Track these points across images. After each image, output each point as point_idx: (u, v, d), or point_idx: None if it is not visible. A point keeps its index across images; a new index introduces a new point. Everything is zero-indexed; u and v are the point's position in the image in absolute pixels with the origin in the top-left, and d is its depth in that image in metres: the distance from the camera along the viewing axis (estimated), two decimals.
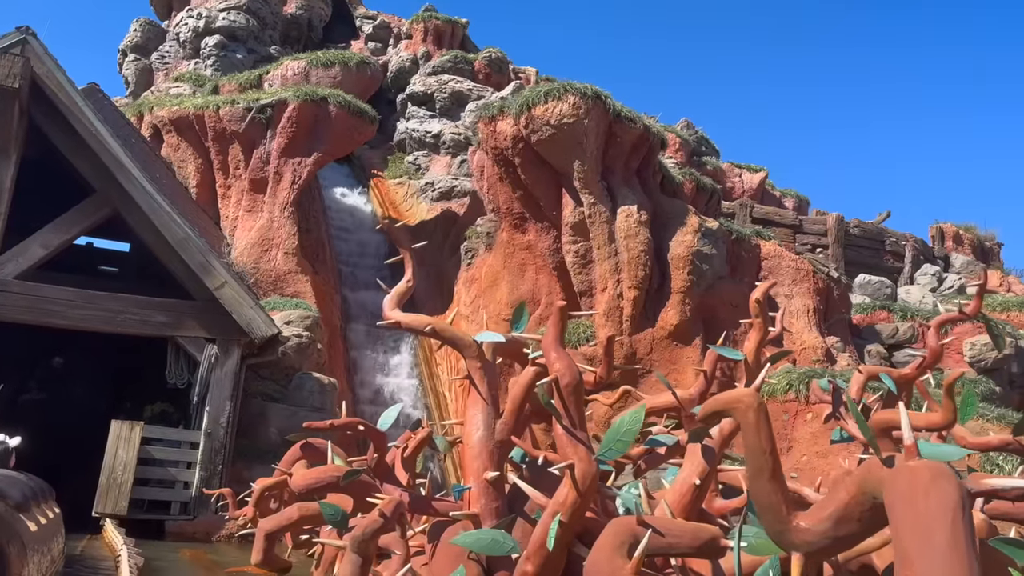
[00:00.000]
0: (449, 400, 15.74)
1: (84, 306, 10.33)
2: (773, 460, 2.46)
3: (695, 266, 12.72)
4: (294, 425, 11.94)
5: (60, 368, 16.02)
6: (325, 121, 16.48)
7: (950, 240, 20.25)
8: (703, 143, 23.21)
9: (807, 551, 2.43)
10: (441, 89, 22.30)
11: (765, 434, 2.49)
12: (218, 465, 10.60)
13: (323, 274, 16.83)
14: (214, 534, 10.17)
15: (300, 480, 6.45)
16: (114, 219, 10.95)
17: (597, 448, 4.02)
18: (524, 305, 6.20)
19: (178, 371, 10.93)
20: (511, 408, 5.65)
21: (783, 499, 2.41)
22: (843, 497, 2.30)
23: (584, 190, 12.98)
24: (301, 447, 8.30)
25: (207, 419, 10.66)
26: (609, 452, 3.75)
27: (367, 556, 4.72)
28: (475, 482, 5.46)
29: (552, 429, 6.54)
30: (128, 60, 22.35)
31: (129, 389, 14.95)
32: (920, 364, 6.62)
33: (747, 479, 2.56)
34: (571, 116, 12.42)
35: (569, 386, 3.88)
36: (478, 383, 5.70)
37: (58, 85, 10.27)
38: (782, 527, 2.41)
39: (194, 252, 10.56)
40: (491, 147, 13.88)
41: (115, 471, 9.92)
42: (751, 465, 2.47)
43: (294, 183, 16.37)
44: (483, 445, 5.53)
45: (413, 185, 20.75)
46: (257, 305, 10.81)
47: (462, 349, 5.82)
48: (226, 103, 16.70)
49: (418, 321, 5.90)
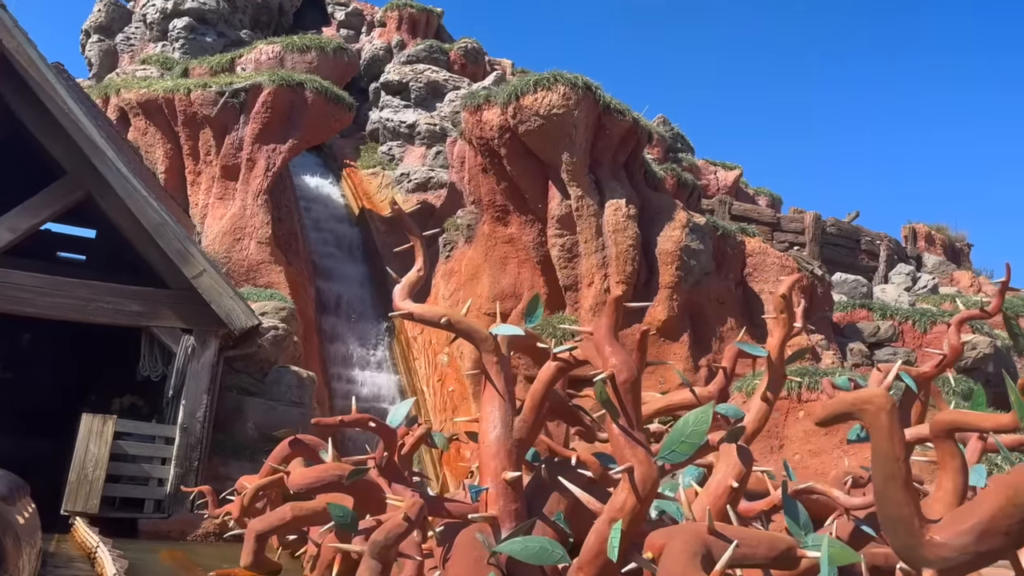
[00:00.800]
0: (428, 396, 15.41)
1: (54, 294, 9.82)
2: (905, 468, 2.23)
3: (683, 262, 12.55)
4: (272, 420, 11.56)
5: (25, 348, 15.34)
6: (301, 107, 16.02)
7: (922, 240, 20.41)
8: (679, 140, 23.14)
9: (941, 568, 2.20)
10: (416, 79, 21.91)
11: (898, 439, 2.25)
12: (194, 461, 10.16)
13: (296, 265, 16.38)
14: (190, 533, 9.75)
15: (299, 479, 6.11)
16: (85, 203, 10.44)
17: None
18: (539, 296, 5.94)
19: (152, 363, 10.46)
20: (531, 405, 5.37)
21: (915, 511, 2.17)
22: (989, 508, 2.07)
23: (572, 183, 12.73)
24: (290, 443, 7.96)
25: (183, 413, 10.21)
26: (672, 455, 3.49)
27: (388, 562, 4.42)
28: (493, 483, 5.18)
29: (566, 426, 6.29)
30: (92, 41, 21.59)
31: (94, 381, 14.37)
32: (940, 363, 6.48)
33: (874, 487, 2.32)
34: (561, 107, 12.16)
35: (627, 382, 3.61)
36: (494, 378, 5.42)
37: (29, 61, 9.73)
38: (914, 541, 2.18)
39: (171, 238, 10.10)
40: (476, 137, 13.57)
41: (86, 467, 9.45)
42: (880, 472, 2.23)
43: (268, 170, 15.89)
44: (501, 444, 5.25)
45: (388, 176, 20.35)
46: (237, 295, 10.39)
47: (478, 342, 5.54)
48: (198, 86, 16.16)
49: (432, 312, 5.60)
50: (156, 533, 9.65)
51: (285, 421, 11.53)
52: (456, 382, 15.28)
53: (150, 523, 9.75)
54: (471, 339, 5.50)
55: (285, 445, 7.97)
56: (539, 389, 5.30)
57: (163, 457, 10.10)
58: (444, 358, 15.75)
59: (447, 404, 15.20)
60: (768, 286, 13.52)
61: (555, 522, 5.15)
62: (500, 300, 14.80)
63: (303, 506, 7.00)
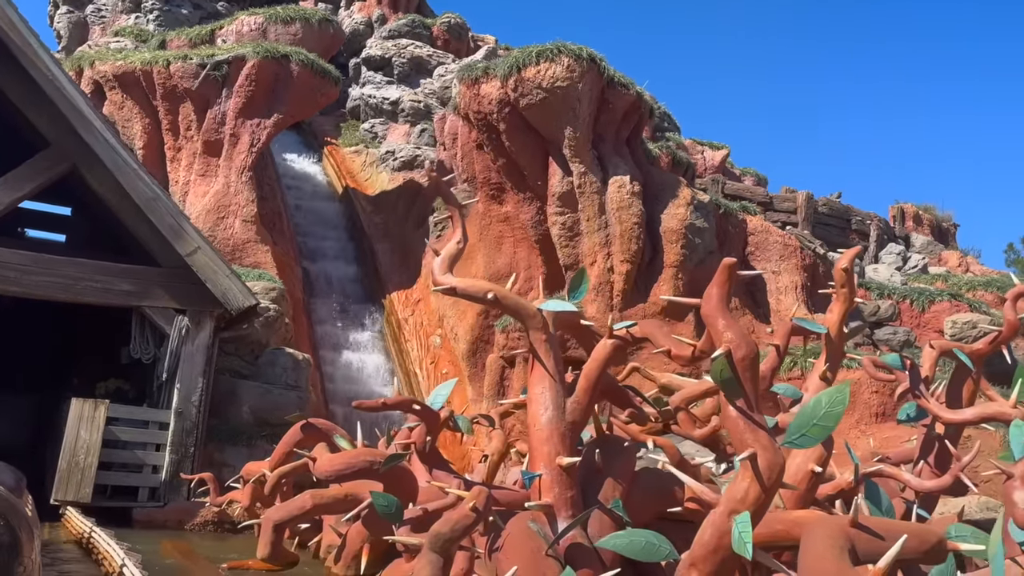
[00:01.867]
0: (421, 378, 15.03)
1: (40, 272, 9.27)
2: None
3: (688, 240, 12.28)
4: (267, 404, 11.13)
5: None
6: (286, 80, 15.44)
7: (910, 220, 20.37)
8: (665, 119, 22.84)
9: None
10: (400, 54, 21.37)
11: None
12: (190, 447, 9.71)
13: (282, 244, 15.86)
14: (187, 522, 9.30)
15: (327, 466, 5.72)
16: (69, 177, 9.87)
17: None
18: (584, 271, 5.60)
19: (143, 345, 9.96)
20: (585, 385, 5.04)
21: None
22: None
23: (574, 159, 12.37)
24: (302, 427, 7.56)
25: (177, 397, 9.74)
26: (803, 439, 3.16)
27: (450, 557, 4.06)
28: (547, 469, 4.84)
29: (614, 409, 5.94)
30: (60, 12, 20.73)
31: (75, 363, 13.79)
32: (994, 339, 6.27)
33: None
34: (564, 79, 11.77)
35: (745, 359, 3.27)
36: (543, 357, 5.08)
37: (9, 24, 9.13)
38: None
39: (164, 214, 9.59)
40: (473, 111, 13.14)
41: (77, 454, 8.95)
42: None
43: (252, 146, 15.32)
44: (553, 427, 4.92)
45: (372, 154, 19.82)
46: (233, 273, 9.91)
47: (524, 319, 5.19)
48: (177, 58, 15.51)
49: (476, 287, 5.23)
50: (151, 522, 9.20)
51: (281, 405, 11.10)
52: (450, 364, 14.91)
53: (145, 512, 9.29)
54: (517, 315, 5.15)
55: (297, 430, 7.57)
56: (594, 368, 4.97)
57: (157, 443, 9.63)
58: (437, 340, 15.37)
59: None
60: (771, 265, 13.30)
61: (612, 509, 4.84)
62: (496, 280, 14.40)
63: (323, 494, 6.62)
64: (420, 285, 16.28)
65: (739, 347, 3.31)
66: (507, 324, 13.10)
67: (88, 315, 12.77)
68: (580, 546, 4.58)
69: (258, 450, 10.51)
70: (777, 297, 13.17)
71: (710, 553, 3.14)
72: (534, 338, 5.07)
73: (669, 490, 5.32)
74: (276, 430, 10.86)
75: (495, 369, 13.61)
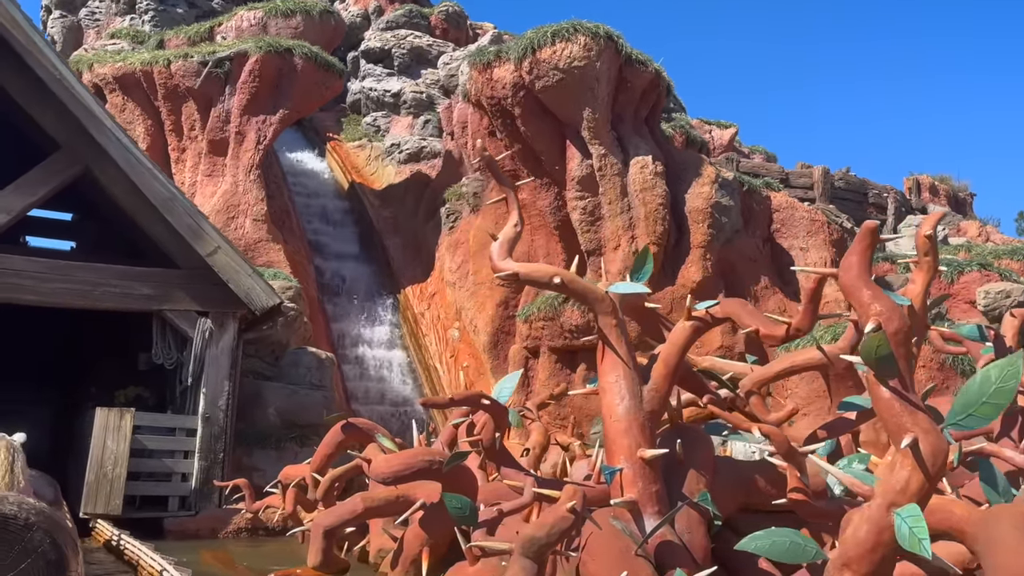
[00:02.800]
0: (441, 372, 14.74)
1: (56, 279, 8.95)
2: None
3: (715, 219, 11.98)
4: (294, 405, 10.84)
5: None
6: (290, 75, 15.10)
7: (926, 191, 20.10)
8: (671, 99, 22.51)
9: None
10: (399, 45, 21.01)
11: None
12: (219, 453, 9.41)
13: (292, 243, 15.53)
14: (220, 530, 9.01)
15: (384, 467, 5.43)
16: (81, 179, 9.54)
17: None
18: (648, 250, 5.31)
19: (165, 350, 9.65)
20: (664, 371, 4.74)
21: None
22: None
23: (594, 141, 12.06)
24: (342, 428, 7.27)
25: (204, 402, 9.43)
26: (969, 420, 2.85)
27: (543, 562, 3.77)
28: (628, 462, 4.54)
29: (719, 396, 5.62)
30: (53, 17, 20.32)
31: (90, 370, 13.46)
32: None
33: None
34: (582, 59, 11.45)
35: (899, 333, 2.97)
36: (615, 343, 4.78)
37: (12, 22, 8.79)
38: None
39: (181, 213, 9.27)
40: (486, 97, 12.81)
41: (104, 466, 8.64)
42: None
43: (259, 143, 14.99)
44: (632, 417, 4.62)
45: (377, 147, 19.48)
46: (255, 272, 9.60)
47: (593, 303, 4.89)
48: (178, 57, 15.15)
49: (541, 271, 4.93)
50: (184, 532, 8.91)
51: (308, 405, 10.81)
52: (470, 357, 14.62)
53: (177, 522, 9.00)
54: (585, 300, 4.85)
55: (338, 430, 7.27)
56: (673, 353, 4.68)
57: (185, 450, 9.33)
58: (455, 333, 15.08)
59: (463, 380, 14.53)
60: (798, 242, 13.02)
61: (699, 503, 4.55)
62: None
63: (375, 496, 6.32)
64: (435, 278, 15.97)
65: (891, 320, 3.00)
66: (530, 314, 12.79)
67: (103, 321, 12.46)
68: (670, 543, 4.30)
69: (287, 453, 10.22)
70: (805, 275, 12.88)
71: (867, 552, 2.82)
72: (604, 323, 4.78)
73: (750, 480, 5.04)
74: (304, 431, 10.59)
75: (518, 360, 13.32)
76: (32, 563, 3.25)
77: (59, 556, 3.91)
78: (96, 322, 12.84)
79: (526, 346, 13.12)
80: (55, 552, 3.90)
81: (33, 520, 3.72)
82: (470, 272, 14.83)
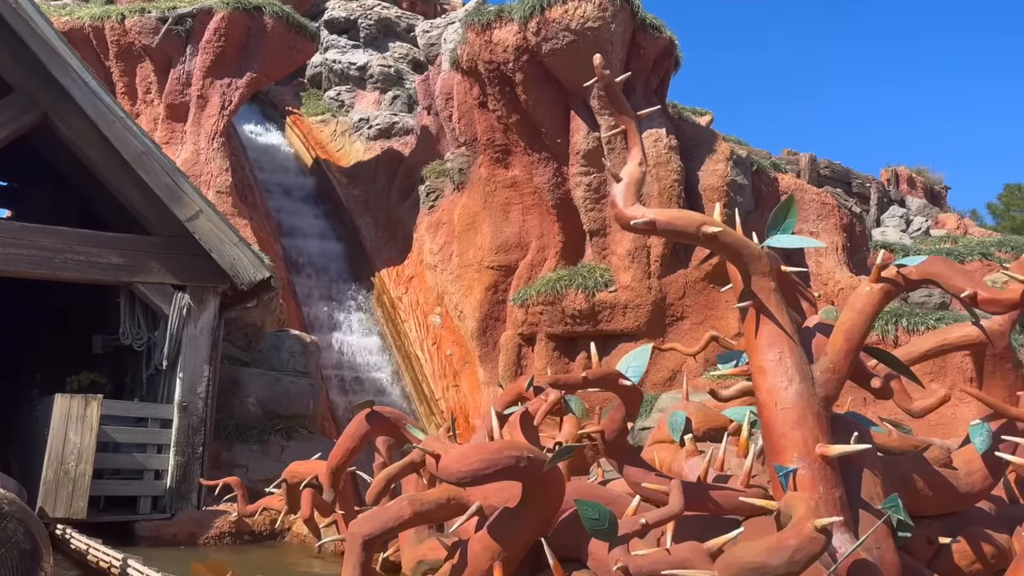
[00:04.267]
0: (423, 360, 13.68)
1: (11, 243, 7.64)
2: None
3: (731, 198, 11.22)
4: (276, 394, 9.69)
5: None
6: (259, 35, 13.84)
7: (904, 183, 19.81)
8: None
9: None
10: (366, 15, 19.80)
11: None
12: (198, 447, 8.21)
13: (257, 219, 14.28)
14: (201, 535, 7.84)
15: (458, 463, 4.35)
16: (38, 128, 8.23)
17: None
18: (792, 199, 4.42)
19: (134, 329, 8.41)
20: (846, 347, 3.81)
21: None
22: None
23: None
24: (367, 417, 6.21)
25: (180, 389, 8.22)
26: None
27: None
28: (803, 460, 3.62)
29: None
30: None
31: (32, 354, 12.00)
32: None
33: None
34: (596, 19, 10.53)
35: None
36: (774, 311, 3.85)
37: None
38: None
39: (158, 172, 8.03)
40: (484, 61, 11.79)
41: (66, 462, 7.37)
42: None
43: (223, 109, 13.71)
44: (806, 404, 3.70)
45: (343, 122, 18.26)
46: (242, 241, 8.41)
47: (749, 261, 3.95)
48: (133, 12, 13.76)
49: (684, 220, 3.97)
50: (159, 538, 7.72)
51: (293, 394, 9.67)
52: (454, 344, 13.61)
53: (150, 526, 7.79)
54: (739, 257, 3.93)
55: (362, 420, 6.19)
56: (859, 323, 3.78)
57: (159, 444, 8.11)
58: (436, 319, 14.03)
59: (446, 369, 13.51)
60: (808, 225, 12.36)
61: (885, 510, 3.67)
62: (504, 251, 13.18)
63: (424, 498, 5.30)
64: (412, 261, 14.89)
65: None
66: (527, 298, 11.84)
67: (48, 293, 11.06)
68: (864, 562, 3.42)
69: (272, 447, 9.10)
70: (816, 260, 12.25)
71: None
72: (759, 287, 3.87)
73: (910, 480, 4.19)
74: (290, 423, 9.48)
75: (511, 348, 12.36)
76: (6, 552, 3.36)
77: (33, 545, 3.56)
78: (36, 295, 11.43)
79: (520, 332, 12.17)
80: (29, 542, 3.55)
81: (7, 510, 3.48)
82: (454, 253, 13.80)
